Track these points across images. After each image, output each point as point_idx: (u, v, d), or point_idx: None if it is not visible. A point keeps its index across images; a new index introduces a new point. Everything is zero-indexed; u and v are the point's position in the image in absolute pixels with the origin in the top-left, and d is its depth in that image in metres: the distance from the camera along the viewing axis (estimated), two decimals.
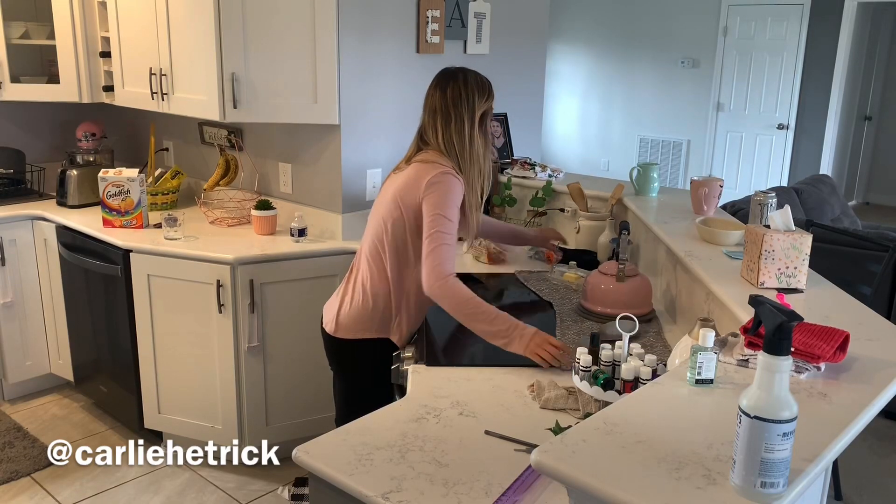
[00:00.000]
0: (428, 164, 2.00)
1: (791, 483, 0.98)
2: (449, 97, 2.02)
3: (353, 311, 2.08)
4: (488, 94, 2.05)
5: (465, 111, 2.01)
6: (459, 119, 2.01)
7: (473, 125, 2.01)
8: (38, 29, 3.50)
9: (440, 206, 1.93)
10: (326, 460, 1.38)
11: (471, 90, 2.03)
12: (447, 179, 1.96)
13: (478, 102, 2.03)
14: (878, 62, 8.17)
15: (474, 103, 2.02)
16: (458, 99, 2.02)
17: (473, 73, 2.08)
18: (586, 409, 1.56)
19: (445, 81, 2.06)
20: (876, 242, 3.35)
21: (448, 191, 1.95)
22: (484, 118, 2.04)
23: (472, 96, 2.02)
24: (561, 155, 8.76)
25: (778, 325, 0.98)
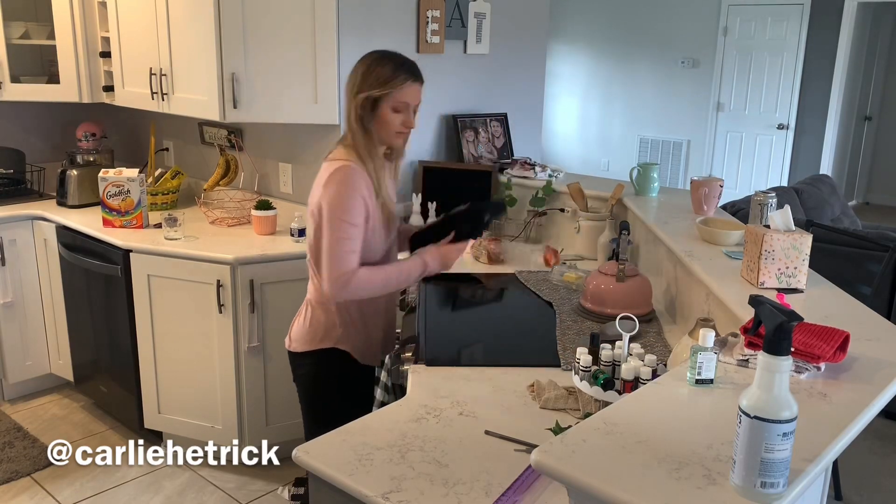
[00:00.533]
0: (328, 162, 1.92)
1: (791, 483, 0.98)
2: (348, 81, 1.91)
3: (301, 322, 2.04)
4: (383, 80, 1.85)
5: (351, 94, 1.88)
6: (349, 103, 1.89)
7: (359, 109, 1.86)
8: (38, 29, 3.50)
9: (333, 207, 1.84)
10: (326, 460, 1.38)
11: (359, 71, 1.88)
12: (340, 173, 1.85)
13: (361, 83, 1.86)
14: (878, 62, 8.17)
15: (356, 84, 1.87)
16: (349, 82, 1.90)
17: (378, 56, 1.90)
18: (586, 409, 1.56)
19: (359, 60, 1.92)
20: (876, 242, 3.35)
21: (343, 185, 1.84)
22: (377, 104, 1.86)
23: (357, 78, 1.87)
24: (561, 155, 8.76)
25: (778, 325, 0.98)
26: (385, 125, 1.89)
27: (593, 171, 8.09)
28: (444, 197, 3.18)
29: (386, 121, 1.88)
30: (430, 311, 2.26)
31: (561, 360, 1.86)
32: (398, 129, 1.91)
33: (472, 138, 3.38)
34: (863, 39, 7.56)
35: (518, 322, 2.27)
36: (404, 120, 1.91)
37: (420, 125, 3.26)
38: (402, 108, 1.89)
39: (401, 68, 1.88)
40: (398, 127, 1.90)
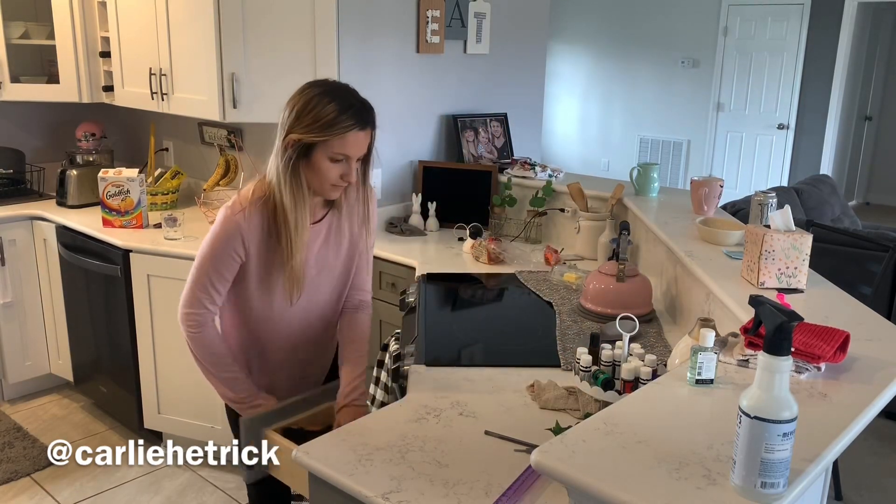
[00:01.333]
0: (239, 192, 1.70)
1: (791, 483, 0.98)
2: (284, 110, 1.65)
3: None
4: (322, 125, 1.56)
5: (281, 130, 1.62)
6: (278, 140, 1.62)
7: (289, 150, 1.59)
8: (38, 29, 3.50)
9: (205, 242, 1.66)
10: (326, 460, 1.38)
11: (293, 106, 1.62)
12: (222, 217, 1.64)
13: (294, 122, 1.59)
14: (878, 62, 8.17)
15: (288, 122, 1.61)
16: (282, 116, 1.64)
17: (321, 91, 1.61)
18: (586, 409, 1.56)
19: (297, 90, 1.67)
20: (876, 242, 3.35)
21: (216, 227, 1.64)
22: (310, 150, 1.58)
23: (291, 115, 1.61)
24: (561, 155, 8.76)
25: (778, 325, 0.98)
26: (318, 175, 1.60)
27: (593, 171, 8.09)
28: (443, 197, 3.19)
29: (319, 170, 1.60)
30: (430, 311, 2.26)
31: (561, 360, 1.86)
32: (334, 182, 1.62)
33: (472, 138, 3.38)
34: (863, 39, 7.56)
35: (518, 322, 2.27)
36: (343, 173, 1.61)
37: (420, 125, 3.27)
38: (340, 158, 1.59)
39: (346, 112, 1.57)
40: (334, 179, 1.61)
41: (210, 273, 1.66)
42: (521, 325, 2.24)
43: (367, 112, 1.63)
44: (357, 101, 1.62)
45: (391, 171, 3.17)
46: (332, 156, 1.59)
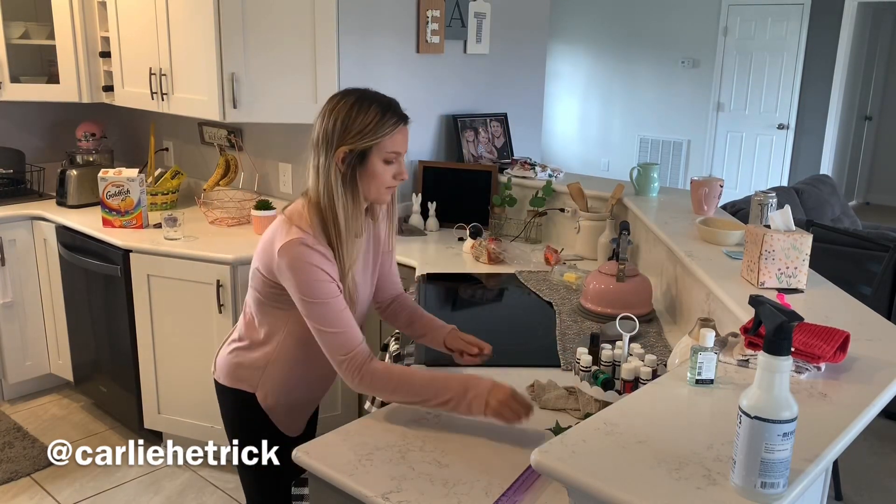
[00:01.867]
0: (285, 224, 1.58)
1: (791, 483, 0.98)
2: (320, 126, 1.61)
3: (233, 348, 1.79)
4: (372, 128, 1.56)
5: (325, 147, 1.58)
6: (324, 159, 1.57)
7: (341, 166, 1.55)
8: (38, 29, 3.50)
9: (303, 292, 1.53)
10: (326, 460, 1.38)
11: (336, 118, 1.59)
12: (296, 255, 1.52)
13: (343, 135, 1.56)
14: (878, 62, 8.17)
15: (335, 135, 1.57)
16: (322, 133, 1.60)
17: (357, 98, 1.62)
18: (586, 409, 1.56)
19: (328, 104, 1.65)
20: (876, 242, 3.35)
21: (301, 271, 1.52)
22: (364, 157, 1.56)
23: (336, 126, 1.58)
24: (561, 155, 8.76)
25: (778, 325, 0.98)
26: (375, 180, 1.58)
27: (593, 171, 8.09)
28: (443, 197, 3.19)
29: (375, 175, 1.57)
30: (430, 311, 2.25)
31: (561, 360, 1.86)
32: (389, 184, 1.60)
33: (472, 138, 3.38)
34: (863, 39, 7.56)
35: (518, 322, 2.27)
36: (396, 171, 1.60)
37: (420, 125, 3.27)
38: (393, 158, 1.59)
39: (388, 111, 1.60)
40: (389, 181, 1.59)
41: (327, 313, 1.53)
42: (521, 325, 2.24)
43: (401, 107, 1.68)
44: (389, 99, 1.66)
45: None
46: (386, 157, 1.58)
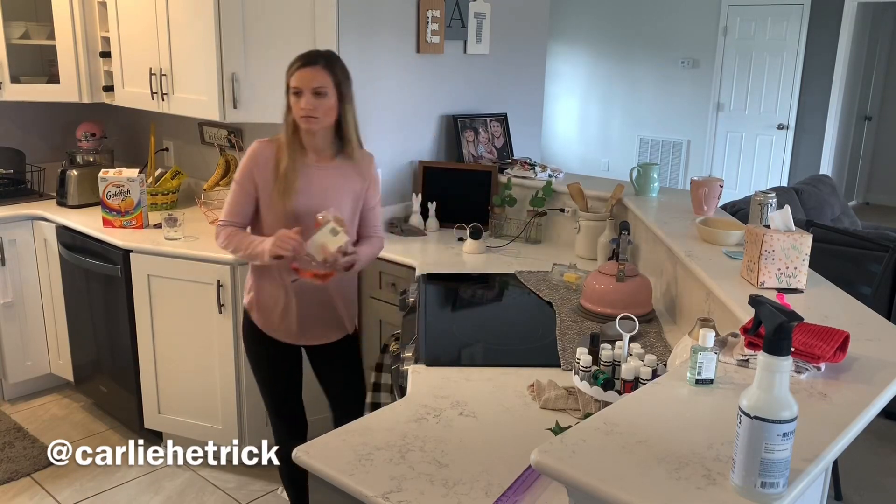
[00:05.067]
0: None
1: (791, 483, 0.98)
2: None
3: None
4: (287, 72, 2.11)
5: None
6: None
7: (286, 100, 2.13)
8: (38, 29, 3.50)
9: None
10: (326, 460, 1.38)
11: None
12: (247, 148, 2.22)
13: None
14: (878, 62, 8.17)
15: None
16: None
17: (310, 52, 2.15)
18: (586, 409, 1.56)
19: None
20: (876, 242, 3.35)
21: (243, 155, 2.23)
22: (287, 93, 2.11)
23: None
24: (561, 155, 8.76)
25: (778, 325, 0.98)
26: (292, 108, 2.09)
27: (593, 171, 8.09)
28: (443, 197, 3.19)
29: (291, 104, 2.09)
30: (430, 311, 2.26)
31: (561, 360, 1.86)
32: (300, 113, 2.06)
33: (472, 138, 3.38)
34: (863, 39, 7.56)
35: (518, 322, 2.27)
36: (303, 105, 2.05)
37: (420, 125, 3.28)
38: (297, 91, 2.06)
39: (298, 58, 2.09)
40: (297, 110, 2.07)
41: (233, 184, 2.24)
42: (521, 325, 2.24)
43: (317, 55, 2.09)
44: (315, 50, 2.11)
45: (391, 171, 3.17)
46: (293, 90, 2.08)
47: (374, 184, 2.26)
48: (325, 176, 2.15)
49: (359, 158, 2.19)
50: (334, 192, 2.15)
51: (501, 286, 2.59)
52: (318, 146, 2.15)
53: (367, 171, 2.23)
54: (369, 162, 2.24)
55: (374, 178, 2.26)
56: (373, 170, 2.25)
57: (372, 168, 2.25)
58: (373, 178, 2.25)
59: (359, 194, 2.22)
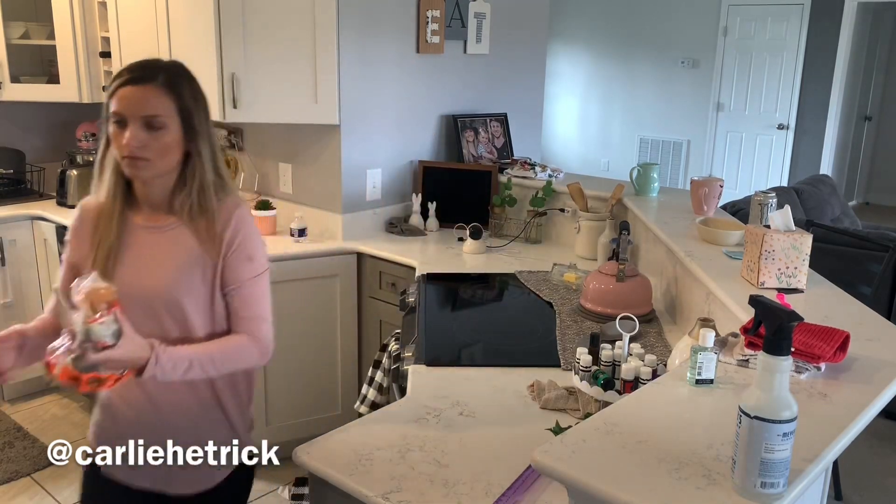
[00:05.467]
0: None
1: (791, 483, 0.98)
2: None
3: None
4: (111, 84, 1.45)
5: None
6: None
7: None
8: (38, 29, 3.50)
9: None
10: (326, 460, 1.38)
11: None
12: None
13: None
14: (878, 62, 8.17)
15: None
16: None
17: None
18: (586, 409, 1.56)
19: None
20: (876, 242, 3.35)
21: None
22: (108, 121, 1.44)
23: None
24: (561, 155, 8.76)
25: (778, 325, 0.98)
26: (113, 144, 1.43)
27: (593, 171, 8.09)
28: (443, 197, 3.19)
29: (112, 138, 1.42)
30: (430, 311, 2.26)
31: (561, 360, 1.86)
32: (122, 152, 1.40)
33: (472, 138, 3.38)
34: (863, 39, 7.56)
35: (518, 322, 2.27)
36: (126, 137, 1.38)
37: (420, 125, 3.27)
38: (120, 120, 1.40)
39: (124, 70, 1.45)
40: (120, 148, 1.40)
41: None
42: (521, 325, 2.24)
43: (154, 67, 1.46)
44: (143, 61, 1.49)
45: (391, 170, 3.17)
46: (113, 118, 1.41)
47: (242, 249, 1.49)
48: (162, 242, 1.47)
49: (215, 215, 1.47)
50: (173, 266, 1.46)
51: (501, 286, 2.59)
52: (155, 199, 1.48)
53: (226, 231, 1.47)
54: (233, 218, 1.48)
55: (241, 242, 1.48)
56: (241, 228, 1.48)
57: (238, 226, 1.48)
58: (239, 242, 1.48)
59: (211, 267, 1.47)
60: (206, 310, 1.49)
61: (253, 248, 1.52)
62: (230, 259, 1.49)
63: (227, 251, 1.48)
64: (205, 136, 1.48)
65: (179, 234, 1.48)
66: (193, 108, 1.48)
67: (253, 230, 1.53)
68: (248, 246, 1.51)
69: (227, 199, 1.51)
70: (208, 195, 1.48)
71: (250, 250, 1.51)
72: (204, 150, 1.48)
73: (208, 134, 1.50)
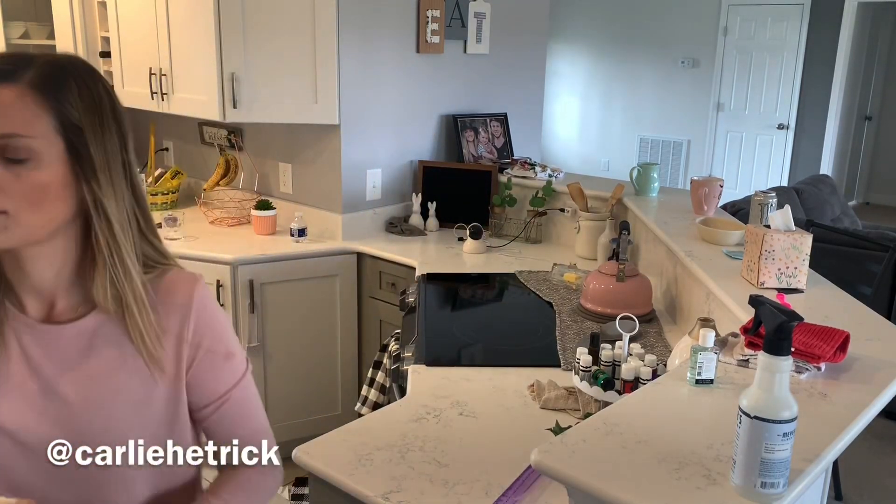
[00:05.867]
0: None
1: (791, 483, 0.98)
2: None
3: None
4: None
5: None
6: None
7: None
8: (38, 29, 3.50)
9: None
10: (326, 460, 1.38)
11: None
12: None
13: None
14: (878, 62, 8.17)
15: None
16: None
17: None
18: (586, 409, 1.56)
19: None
20: (876, 242, 3.35)
21: None
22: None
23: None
24: (561, 155, 8.76)
25: (778, 325, 0.98)
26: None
27: (593, 171, 8.09)
28: (443, 197, 3.19)
29: None
30: (430, 311, 2.26)
31: (561, 360, 1.86)
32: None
33: (472, 138, 3.38)
34: (863, 39, 7.56)
35: (518, 322, 2.27)
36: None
37: (420, 125, 3.27)
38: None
39: None
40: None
41: None
42: (521, 325, 2.24)
43: (15, 61, 0.89)
44: (7, 52, 1.04)
45: (391, 170, 3.17)
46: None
47: (216, 347, 1.01)
48: (70, 353, 0.95)
49: (163, 302, 0.97)
50: (98, 395, 0.95)
51: (501, 286, 2.59)
52: (44, 285, 0.95)
53: (186, 326, 0.98)
54: (193, 302, 0.99)
55: (212, 336, 1.01)
56: (206, 316, 1.00)
57: (201, 313, 0.99)
58: (210, 337, 1.00)
59: (168, 387, 0.98)
60: (154, 459, 0.97)
61: (228, 340, 1.03)
62: (202, 364, 0.99)
63: (195, 355, 0.99)
64: (116, 173, 0.92)
65: (102, 336, 0.94)
66: (89, 126, 0.89)
67: (219, 314, 1.04)
68: (222, 339, 1.02)
69: (170, 272, 1.00)
70: (134, 276, 0.93)
71: (226, 344, 1.02)
72: (108, 200, 0.91)
73: (123, 169, 0.93)
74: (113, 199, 0.92)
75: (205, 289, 1.01)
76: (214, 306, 1.03)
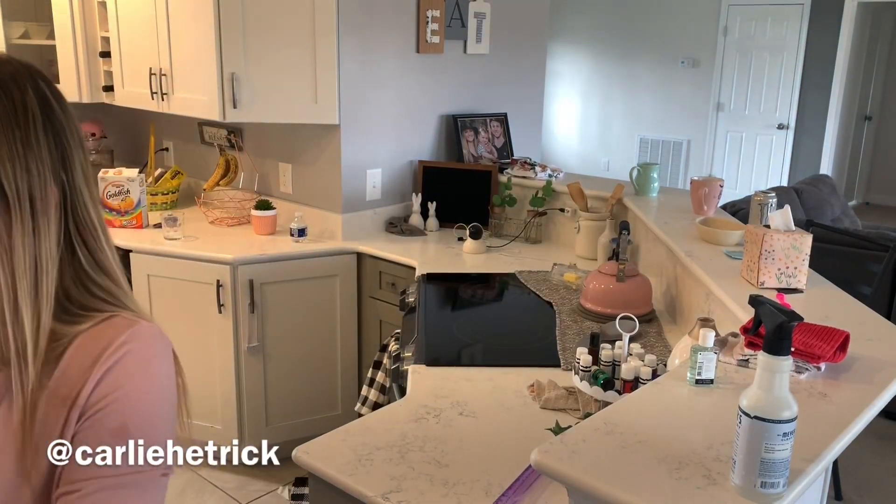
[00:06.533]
0: None
1: (791, 483, 0.98)
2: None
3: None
4: None
5: None
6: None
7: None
8: (38, 29, 3.50)
9: None
10: (326, 460, 1.38)
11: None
12: None
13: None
14: (878, 62, 8.17)
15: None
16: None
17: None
18: (586, 409, 1.56)
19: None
20: (876, 242, 3.35)
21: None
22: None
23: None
24: (561, 155, 8.76)
25: (778, 325, 0.98)
26: None
27: (593, 171, 8.09)
28: (443, 197, 3.19)
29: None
30: (430, 311, 2.26)
31: (561, 360, 1.86)
32: None
33: (472, 138, 3.37)
34: (863, 39, 7.56)
35: (518, 322, 2.27)
36: None
37: (420, 125, 3.27)
38: None
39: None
40: None
41: None
42: (521, 325, 2.24)
43: None
44: None
45: (391, 170, 3.17)
46: None
47: (101, 420, 0.80)
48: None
49: (37, 356, 0.77)
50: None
51: (501, 286, 2.59)
52: None
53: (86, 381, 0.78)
54: (98, 360, 0.79)
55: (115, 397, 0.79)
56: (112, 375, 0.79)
57: (108, 370, 0.79)
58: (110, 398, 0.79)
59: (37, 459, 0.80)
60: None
61: (135, 416, 0.80)
62: (79, 435, 0.80)
63: (81, 423, 0.79)
64: (41, 203, 0.76)
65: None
66: (3, 146, 0.73)
67: (145, 382, 0.83)
68: (125, 411, 0.79)
69: (115, 319, 0.84)
70: (23, 323, 0.75)
71: (128, 419, 0.79)
72: (15, 237, 0.75)
73: (61, 193, 0.78)
74: (20, 237, 0.74)
75: (137, 343, 0.81)
76: (143, 370, 0.80)
